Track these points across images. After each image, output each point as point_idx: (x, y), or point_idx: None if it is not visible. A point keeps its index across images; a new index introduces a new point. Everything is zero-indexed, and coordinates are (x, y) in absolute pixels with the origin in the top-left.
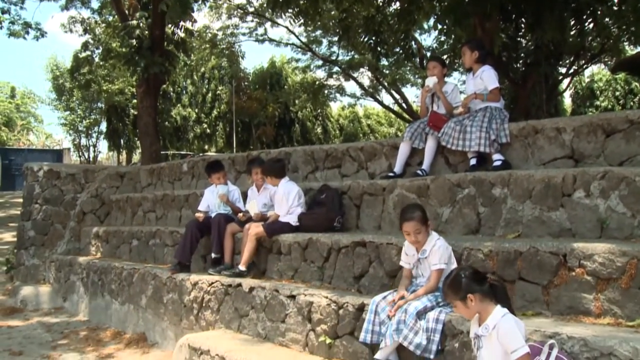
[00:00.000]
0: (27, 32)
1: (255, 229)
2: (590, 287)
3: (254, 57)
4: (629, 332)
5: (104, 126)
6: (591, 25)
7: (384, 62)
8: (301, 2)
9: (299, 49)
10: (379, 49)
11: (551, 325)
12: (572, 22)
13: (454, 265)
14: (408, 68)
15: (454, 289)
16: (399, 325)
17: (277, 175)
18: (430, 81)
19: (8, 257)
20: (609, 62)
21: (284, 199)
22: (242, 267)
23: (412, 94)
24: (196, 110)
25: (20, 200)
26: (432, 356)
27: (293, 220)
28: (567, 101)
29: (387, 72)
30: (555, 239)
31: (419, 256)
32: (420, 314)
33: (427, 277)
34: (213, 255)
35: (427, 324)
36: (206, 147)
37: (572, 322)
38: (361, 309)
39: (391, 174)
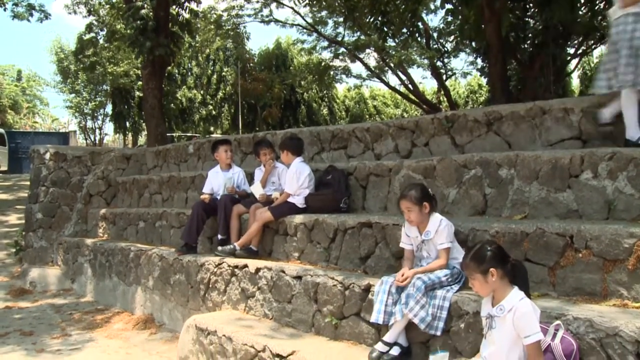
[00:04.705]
0: (31, 14)
1: (263, 215)
2: (597, 268)
3: (260, 39)
4: (635, 313)
5: (109, 108)
6: (602, 4)
7: (391, 42)
8: None
9: (305, 30)
10: (385, 29)
11: (557, 306)
12: (582, 1)
13: (456, 242)
14: (414, 49)
15: (477, 261)
16: (407, 299)
17: (294, 152)
18: None
19: (16, 240)
20: None
21: (295, 178)
22: (236, 245)
23: (418, 74)
24: (201, 92)
25: (28, 182)
26: (438, 333)
27: (300, 202)
28: (575, 82)
29: (394, 53)
30: (562, 220)
31: (422, 237)
32: (428, 289)
33: (434, 257)
34: (219, 236)
35: (434, 300)
36: (212, 128)
37: (578, 303)
38: (367, 289)
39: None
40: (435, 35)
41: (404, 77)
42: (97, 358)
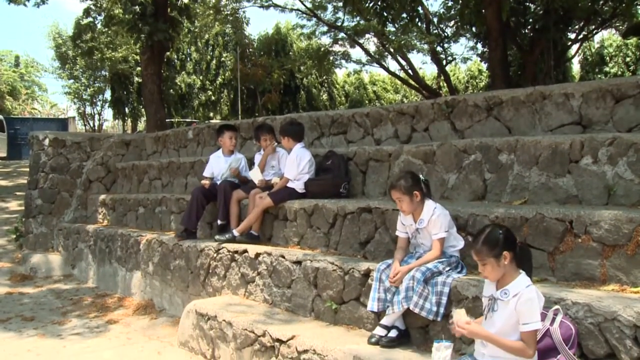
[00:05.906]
0: None
1: (263, 201)
2: (596, 253)
3: (259, 23)
4: (633, 298)
5: (108, 94)
6: None
7: (390, 27)
8: None
9: (304, 15)
10: (385, 14)
11: (556, 291)
12: None
13: (454, 229)
14: (414, 34)
15: (491, 245)
16: (407, 293)
17: (295, 137)
18: None
19: (17, 226)
20: (620, 27)
21: (295, 163)
22: (235, 232)
23: (418, 60)
24: (201, 78)
25: (27, 169)
26: (439, 319)
27: (299, 187)
28: (576, 67)
29: (393, 38)
30: (562, 206)
31: (416, 226)
32: (428, 280)
33: (429, 246)
34: (219, 222)
35: (436, 287)
36: (211, 114)
37: (577, 288)
38: (367, 274)
39: None
40: (435, 20)
41: (403, 63)
42: (98, 343)
